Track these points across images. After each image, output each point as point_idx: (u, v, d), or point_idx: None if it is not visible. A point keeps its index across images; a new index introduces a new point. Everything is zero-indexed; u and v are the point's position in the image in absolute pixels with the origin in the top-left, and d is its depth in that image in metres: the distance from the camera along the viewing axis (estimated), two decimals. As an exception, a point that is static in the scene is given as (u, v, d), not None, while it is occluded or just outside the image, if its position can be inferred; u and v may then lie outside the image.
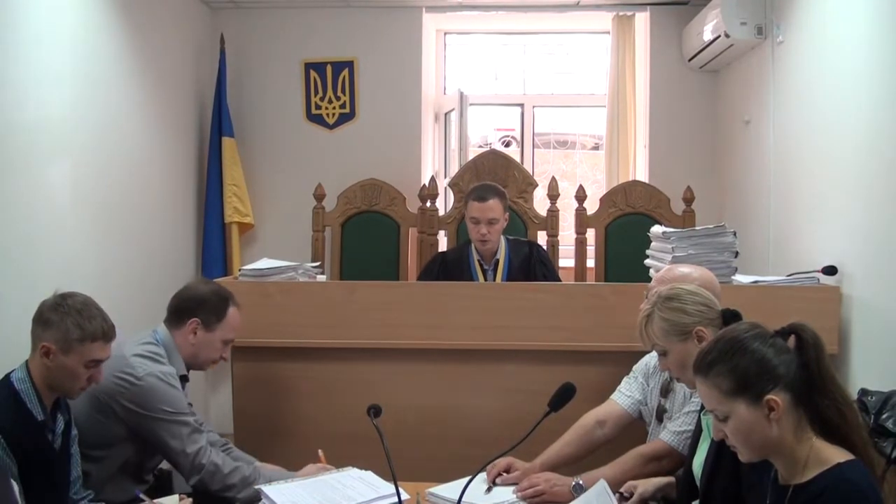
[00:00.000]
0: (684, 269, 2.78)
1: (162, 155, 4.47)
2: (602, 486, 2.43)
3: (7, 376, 2.34)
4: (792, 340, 1.81)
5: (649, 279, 3.06)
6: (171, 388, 2.68)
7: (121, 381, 2.63)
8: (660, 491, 2.48)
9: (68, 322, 2.33)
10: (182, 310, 2.85)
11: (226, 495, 2.63)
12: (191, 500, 2.47)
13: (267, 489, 2.41)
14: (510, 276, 4.02)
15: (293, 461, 2.86)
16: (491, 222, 3.94)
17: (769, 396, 1.75)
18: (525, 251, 4.11)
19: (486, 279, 4.03)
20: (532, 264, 4.05)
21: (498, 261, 4.05)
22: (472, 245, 4.08)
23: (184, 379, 2.84)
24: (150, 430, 2.64)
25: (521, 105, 5.84)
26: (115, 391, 2.62)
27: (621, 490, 2.43)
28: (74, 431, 2.53)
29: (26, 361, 2.38)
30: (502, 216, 3.99)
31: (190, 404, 2.76)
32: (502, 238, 4.09)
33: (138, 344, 2.76)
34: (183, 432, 2.65)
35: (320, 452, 2.80)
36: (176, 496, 2.49)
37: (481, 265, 4.06)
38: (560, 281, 4.15)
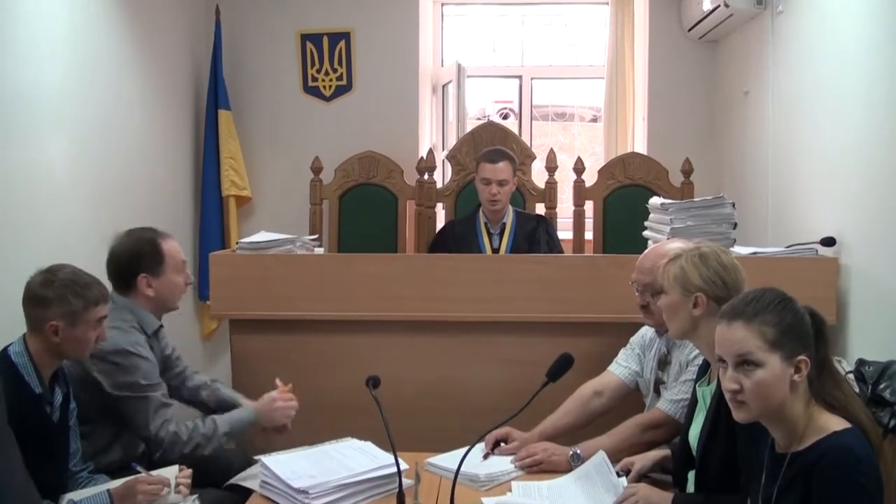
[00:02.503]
0: (674, 244, 2.77)
1: (158, 128, 4.44)
2: (601, 457, 2.45)
3: (4, 350, 2.35)
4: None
5: (647, 250, 3.05)
6: (140, 360, 2.69)
7: (103, 357, 2.65)
8: (657, 465, 2.50)
9: (69, 296, 2.35)
10: (124, 274, 2.83)
11: (195, 455, 2.69)
12: (190, 470, 2.49)
13: (266, 460, 2.42)
14: (515, 244, 4.09)
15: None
16: (501, 183, 4.05)
17: (801, 357, 1.77)
18: (532, 224, 4.16)
19: (492, 244, 4.09)
20: (537, 236, 4.09)
21: (505, 225, 4.14)
22: (480, 210, 4.17)
23: (159, 329, 2.87)
24: (118, 404, 2.68)
25: (520, 77, 5.80)
26: (88, 366, 2.65)
27: (617, 468, 2.44)
28: (73, 405, 2.54)
29: (23, 335, 2.38)
30: (511, 179, 4.11)
31: (174, 349, 2.85)
32: (510, 208, 4.16)
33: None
34: (149, 407, 2.68)
35: (278, 381, 2.90)
36: (175, 467, 2.50)
37: (488, 229, 4.14)
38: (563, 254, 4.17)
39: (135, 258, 2.82)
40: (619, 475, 2.41)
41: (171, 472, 2.45)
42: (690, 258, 2.34)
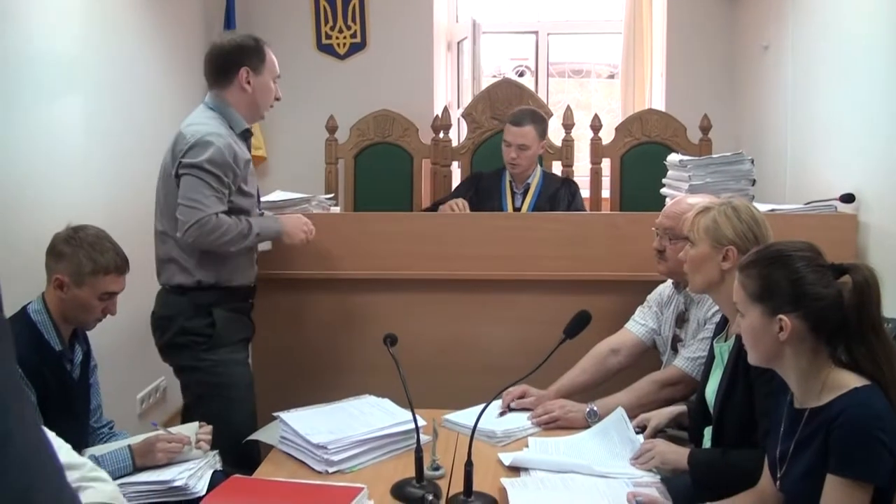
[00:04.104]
0: (694, 199, 2.76)
1: (173, 88, 4.43)
2: (619, 413, 2.46)
3: (24, 308, 2.37)
4: (849, 279, 1.78)
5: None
6: (214, 147, 2.69)
7: (178, 147, 2.73)
8: (672, 421, 2.50)
9: (80, 255, 2.35)
10: (228, 64, 2.85)
11: (223, 249, 2.76)
12: (210, 427, 2.51)
13: (286, 416, 2.44)
14: (537, 205, 4.02)
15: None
16: (521, 148, 3.93)
17: (781, 316, 1.76)
18: (556, 186, 4.08)
19: (514, 203, 4.04)
20: (559, 197, 4.02)
21: (529, 186, 4.05)
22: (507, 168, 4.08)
23: (247, 132, 2.90)
24: (182, 181, 2.69)
25: (536, 33, 5.73)
26: (175, 157, 2.73)
27: (633, 424, 2.45)
28: (94, 361, 2.56)
29: (42, 293, 2.40)
30: (536, 143, 3.97)
31: (248, 161, 2.84)
32: (539, 168, 4.09)
33: (191, 116, 2.85)
34: (202, 189, 2.67)
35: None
36: (195, 424, 2.52)
37: (512, 188, 4.07)
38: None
39: (241, 49, 2.85)
40: (636, 431, 2.42)
41: (191, 429, 2.48)
42: (723, 211, 2.32)
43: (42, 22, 3.14)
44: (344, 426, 2.38)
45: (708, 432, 2.31)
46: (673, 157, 3.53)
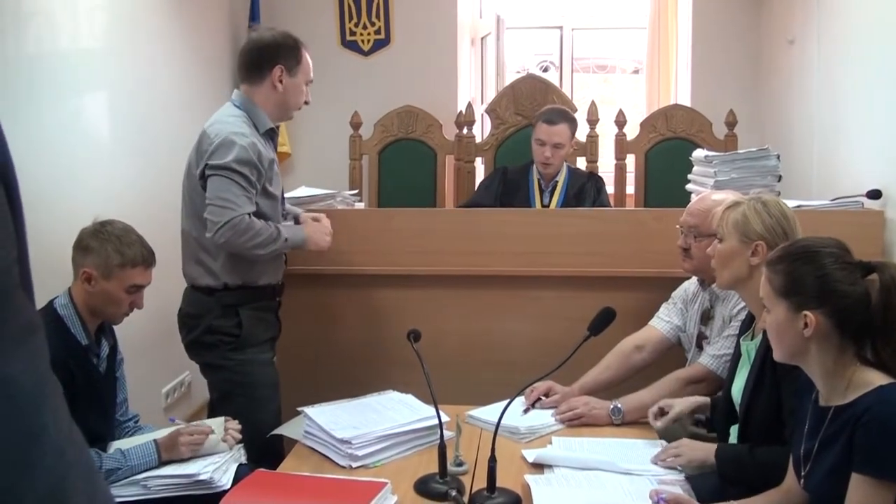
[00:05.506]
0: (718, 195, 2.74)
1: (198, 86, 4.46)
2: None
3: (50, 302, 2.39)
4: (876, 278, 1.77)
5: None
6: (238, 146, 2.65)
7: (202, 147, 2.72)
8: (695, 411, 2.48)
9: (108, 248, 2.37)
10: (263, 60, 2.81)
11: (252, 253, 2.71)
12: (236, 421, 2.53)
13: (310, 411, 2.45)
14: (566, 202, 4.01)
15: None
16: (556, 147, 3.92)
17: (806, 312, 1.75)
18: (583, 181, 4.08)
19: (542, 200, 4.03)
20: (585, 193, 4.00)
21: (557, 183, 4.03)
22: (535, 165, 4.06)
23: (272, 132, 2.87)
24: (210, 182, 2.66)
25: (560, 28, 5.72)
26: (201, 157, 2.70)
27: (659, 405, 2.44)
28: (120, 356, 2.59)
29: (69, 288, 2.42)
30: (568, 142, 3.98)
31: (273, 161, 2.80)
32: (565, 165, 4.08)
33: (216, 114, 2.82)
34: (232, 188, 2.63)
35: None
36: (221, 419, 2.54)
37: (540, 185, 4.05)
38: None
39: (278, 47, 2.81)
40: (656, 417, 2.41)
41: (216, 423, 2.50)
42: (753, 205, 2.31)
43: (67, 19, 3.16)
44: (368, 421, 2.38)
45: (734, 431, 2.30)
46: (698, 153, 3.51)
